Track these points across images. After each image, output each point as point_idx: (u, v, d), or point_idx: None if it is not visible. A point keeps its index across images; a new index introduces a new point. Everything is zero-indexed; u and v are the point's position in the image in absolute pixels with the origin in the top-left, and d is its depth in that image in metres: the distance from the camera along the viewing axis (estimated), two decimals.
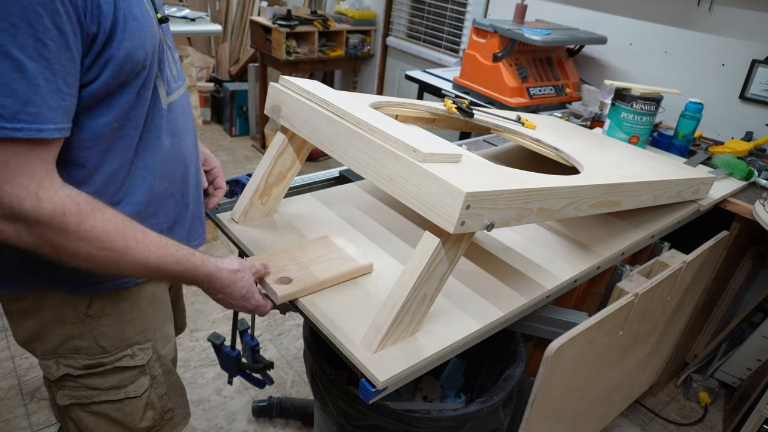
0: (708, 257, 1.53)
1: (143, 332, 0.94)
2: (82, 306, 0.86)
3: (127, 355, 0.92)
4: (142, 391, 0.96)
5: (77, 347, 0.89)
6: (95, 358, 0.90)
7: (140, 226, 0.75)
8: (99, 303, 0.87)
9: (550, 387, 1.09)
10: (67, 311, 0.86)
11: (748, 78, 2.01)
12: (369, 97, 1.19)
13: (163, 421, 1.02)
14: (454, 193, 0.72)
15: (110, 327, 0.90)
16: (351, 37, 3.66)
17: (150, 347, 0.96)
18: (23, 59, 0.61)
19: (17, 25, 0.60)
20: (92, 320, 0.88)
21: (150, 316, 0.95)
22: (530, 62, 2.30)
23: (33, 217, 0.65)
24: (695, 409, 2.03)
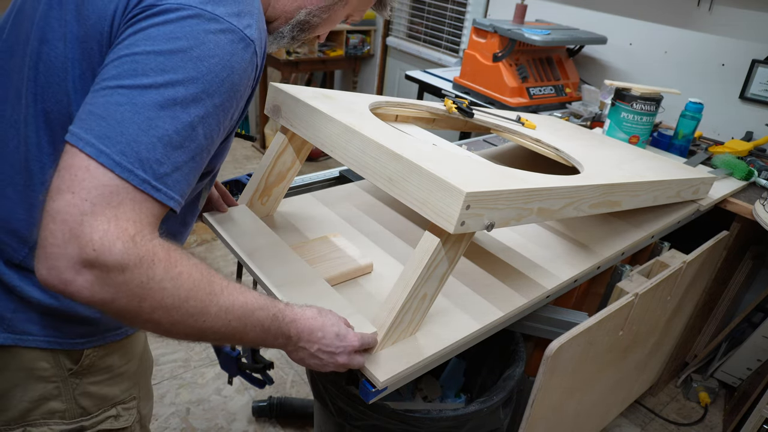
0: (708, 257, 1.53)
1: (129, 388, 0.84)
2: (68, 361, 0.75)
3: (111, 416, 0.82)
4: None
5: (53, 410, 0.76)
6: (74, 423, 0.78)
7: (220, 275, 0.66)
8: (90, 358, 0.77)
9: (550, 387, 1.09)
10: (47, 366, 0.74)
11: (748, 78, 2.01)
12: (369, 97, 1.19)
13: None
14: (454, 193, 0.72)
15: (95, 385, 0.78)
16: (351, 37, 3.66)
17: (135, 406, 0.86)
18: (201, 136, 0.61)
19: (221, 104, 0.62)
20: (76, 378, 0.76)
21: (137, 370, 0.86)
22: (530, 62, 2.30)
23: (119, 262, 0.54)
24: (695, 409, 2.03)
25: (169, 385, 1.91)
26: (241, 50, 0.63)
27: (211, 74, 0.60)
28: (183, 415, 1.80)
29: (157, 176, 0.58)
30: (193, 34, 0.59)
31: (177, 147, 0.59)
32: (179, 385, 1.92)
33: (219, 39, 0.61)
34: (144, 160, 0.57)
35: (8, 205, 0.69)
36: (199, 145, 0.61)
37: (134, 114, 0.56)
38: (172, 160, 0.59)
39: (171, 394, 1.88)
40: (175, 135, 0.58)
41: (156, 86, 0.57)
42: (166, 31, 0.59)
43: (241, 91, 0.65)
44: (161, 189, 0.59)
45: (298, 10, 0.81)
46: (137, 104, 0.57)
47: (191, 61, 0.59)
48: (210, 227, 1.05)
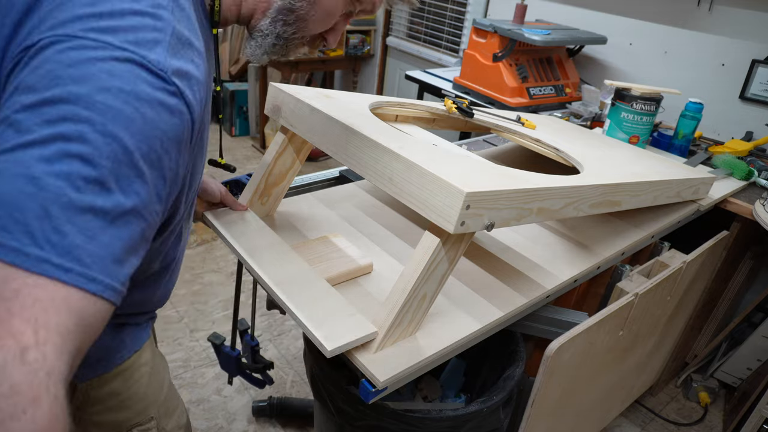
0: (708, 257, 1.53)
1: (144, 410, 0.78)
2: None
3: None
4: None
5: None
6: None
7: None
8: (82, 392, 0.70)
9: (550, 387, 1.09)
10: None
11: (748, 78, 2.01)
12: (369, 97, 1.19)
13: None
14: (454, 193, 0.72)
15: (100, 414, 0.73)
16: (351, 37, 3.66)
17: (154, 426, 0.80)
18: (137, 225, 0.46)
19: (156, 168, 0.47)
20: (78, 412, 0.71)
21: (149, 389, 0.79)
22: (530, 62, 2.30)
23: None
24: (695, 409, 2.03)
25: None
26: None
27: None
28: None
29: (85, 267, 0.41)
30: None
31: (110, 237, 0.44)
32: (179, 385, 1.92)
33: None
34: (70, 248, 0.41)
35: None
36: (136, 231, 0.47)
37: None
38: (102, 251, 0.43)
39: None
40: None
41: None
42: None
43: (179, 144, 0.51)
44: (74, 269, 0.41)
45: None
46: None
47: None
48: (211, 227, 1.05)
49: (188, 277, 2.49)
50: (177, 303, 2.32)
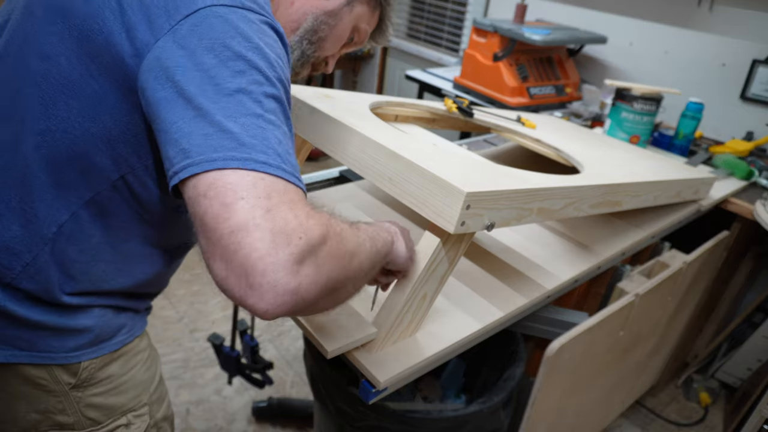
0: (709, 257, 1.53)
1: (137, 396, 0.82)
2: (67, 376, 0.74)
3: (121, 425, 0.81)
4: None
5: (61, 423, 0.76)
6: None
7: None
8: (88, 370, 0.75)
9: (551, 387, 1.09)
10: (47, 382, 0.73)
11: (748, 78, 2.01)
12: (369, 97, 1.19)
13: None
14: (455, 193, 0.72)
15: (99, 396, 0.77)
16: None
17: (146, 412, 0.85)
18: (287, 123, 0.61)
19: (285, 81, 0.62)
20: (78, 391, 0.75)
21: (143, 376, 0.84)
22: (530, 62, 2.29)
23: (321, 235, 0.54)
24: (696, 409, 2.02)
25: (169, 385, 1.91)
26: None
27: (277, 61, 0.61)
28: (183, 415, 1.80)
29: (294, 168, 0.58)
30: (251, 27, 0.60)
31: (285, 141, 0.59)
32: (179, 385, 1.92)
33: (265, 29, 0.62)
34: (281, 155, 0.56)
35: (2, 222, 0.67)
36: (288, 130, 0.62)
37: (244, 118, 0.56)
38: (292, 156, 0.60)
39: (171, 394, 1.87)
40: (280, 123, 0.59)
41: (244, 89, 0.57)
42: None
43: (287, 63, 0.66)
44: (299, 178, 0.60)
45: (304, 16, 0.77)
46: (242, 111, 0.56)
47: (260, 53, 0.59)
48: None
49: (188, 277, 2.49)
50: (177, 303, 2.31)
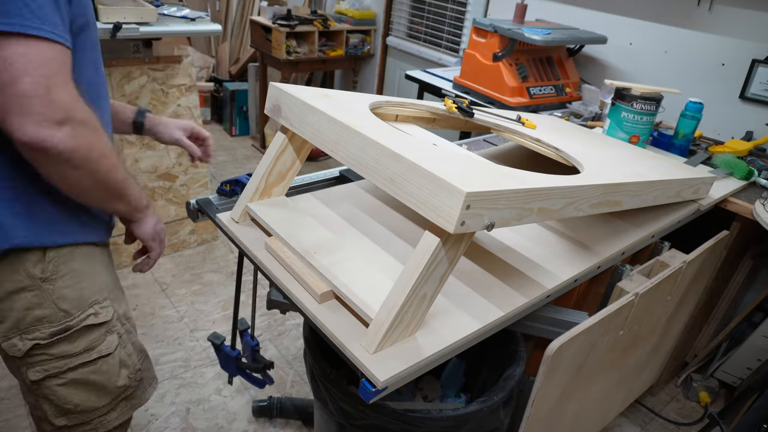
0: (708, 257, 1.53)
1: (99, 291, 0.96)
2: (36, 268, 0.87)
3: (90, 314, 0.94)
4: (113, 347, 0.98)
5: (39, 317, 0.89)
6: (60, 324, 0.91)
7: None
8: (53, 262, 0.89)
9: (550, 387, 1.09)
10: (22, 278, 0.86)
11: (748, 78, 2.01)
12: (369, 97, 1.19)
13: (135, 381, 1.05)
14: (455, 193, 0.72)
15: (68, 288, 0.91)
16: (351, 36, 3.66)
17: (110, 305, 0.98)
18: None
19: None
20: (49, 284, 0.89)
21: (104, 276, 0.98)
22: (530, 62, 2.30)
23: (82, 117, 0.75)
24: (695, 408, 2.03)
25: (169, 385, 1.91)
26: None
27: None
28: (183, 415, 1.81)
29: (53, 26, 0.72)
30: None
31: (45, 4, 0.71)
32: (179, 385, 1.92)
33: None
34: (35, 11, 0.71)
35: None
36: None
37: None
38: (56, 14, 0.73)
39: (171, 394, 1.88)
40: None
41: None
42: None
43: None
44: (62, 36, 0.74)
45: None
46: None
47: None
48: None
49: (188, 277, 2.49)
50: (177, 303, 2.32)
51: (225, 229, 1.12)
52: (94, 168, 0.79)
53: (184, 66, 2.41)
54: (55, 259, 0.89)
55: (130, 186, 0.90)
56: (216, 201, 1.22)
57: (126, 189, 0.89)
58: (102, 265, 0.98)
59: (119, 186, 0.87)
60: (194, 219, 1.22)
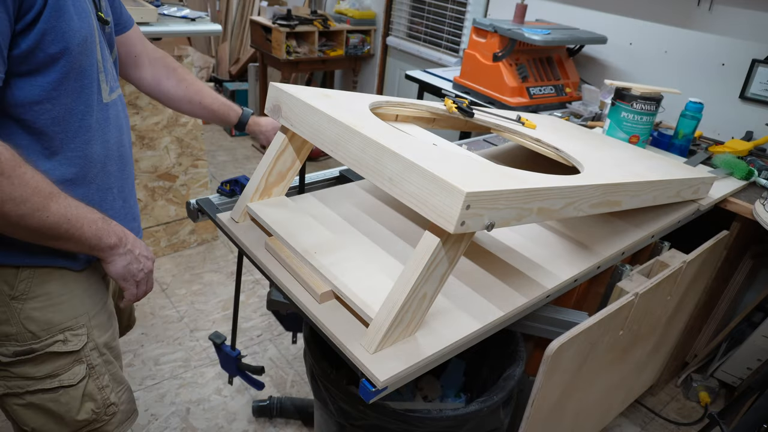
0: (708, 257, 1.53)
1: (75, 318, 0.93)
2: (6, 286, 0.85)
3: (59, 341, 0.91)
4: (77, 379, 0.94)
5: (6, 333, 0.87)
6: (25, 344, 0.88)
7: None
8: (25, 282, 0.86)
9: (550, 386, 1.09)
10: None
11: (748, 78, 2.01)
12: (369, 97, 1.19)
13: (105, 416, 1.00)
14: (454, 193, 0.72)
15: (37, 310, 0.88)
16: (351, 36, 3.66)
17: (84, 333, 0.94)
18: None
19: None
20: (18, 303, 0.87)
21: (83, 302, 0.94)
22: (530, 62, 2.30)
23: None
24: (695, 408, 2.03)
25: (169, 385, 1.91)
26: None
27: None
28: (183, 415, 1.81)
29: None
30: None
31: None
32: (179, 385, 1.92)
33: None
34: None
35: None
36: None
37: None
38: None
39: (171, 394, 1.88)
40: None
41: None
42: None
43: None
44: None
45: None
46: None
47: None
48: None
49: (188, 277, 2.49)
50: (177, 303, 2.32)
51: (225, 229, 1.12)
52: (4, 206, 0.72)
53: (185, 66, 2.41)
54: (27, 279, 0.87)
55: (75, 227, 0.81)
56: (216, 201, 1.22)
57: (65, 231, 0.80)
58: (82, 291, 0.94)
59: (50, 229, 0.78)
60: (194, 219, 1.22)
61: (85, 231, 0.83)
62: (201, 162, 2.58)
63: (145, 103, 2.30)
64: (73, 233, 0.81)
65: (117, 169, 0.96)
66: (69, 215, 0.79)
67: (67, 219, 0.79)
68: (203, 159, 2.59)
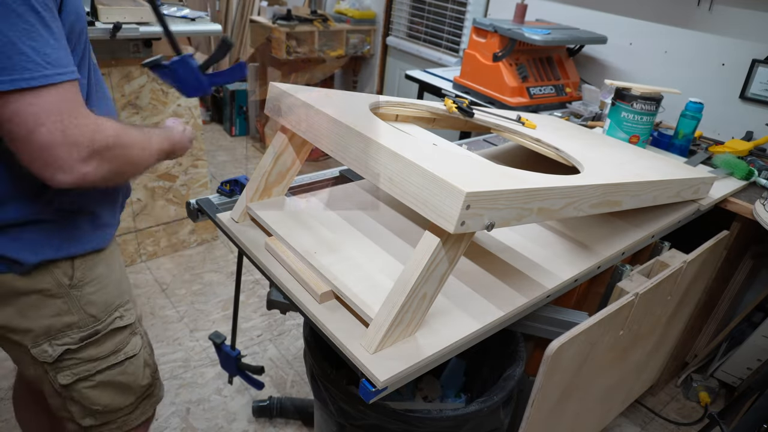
0: (708, 257, 1.53)
1: (121, 294, 1.00)
2: (64, 277, 0.89)
3: (117, 317, 0.98)
4: (138, 348, 1.03)
5: (68, 323, 0.92)
6: (89, 329, 0.94)
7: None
8: (80, 270, 0.91)
9: (550, 387, 1.09)
10: (51, 287, 0.89)
11: (748, 78, 2.01)
12: (369, 97, 1.19)
13: (155, 379, 1.10)
14: (455, 193, 0.72)
15: (94, 294, 0.94)
16: (351, 36, 3.66)
17: (132, 307, 1.02)
18: (42, 11, 0.70)
19: None
20: (77, 290, 0.92)
21: (122, 278, 1.01)
22: (530, 62, 2.30)
23: (104, 144, 0.75)
24: (695, 408, 2.03)
25: (169, 385, 1.91)
26: None
27: None
28: (183, 414, 1.81)
29: (55, 65, 0.70)
30: None
31: (37, 36, 0.69)
32: (179, 385, 1.92)
33: None
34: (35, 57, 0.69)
35: None
36: (46, 18, 0.70)
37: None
38: (47, 47, 0.70)
39: (171, 394, 1.88)
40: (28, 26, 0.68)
41: None
42: None
43: None
44: (67, 72, 0.72)
45: None
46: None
47: None
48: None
49: (188, 277, 2.49)
50: (177, 303, 2.32)
51: (225, 229, 1.12)
52: (131, 170, 0.84)
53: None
54: (81, 267, 0.92)
55: (156, 142, 0.91)
56: (216, 201, 1.22)
57: (159, 150, 0.91)
58: (118, 268, 1.00)
59: (155, 157, 0.90)
60: (194, 219, 1.22)
61: (158, 141, 0.93)
62: (201, 162, 2.58)
63: (145, 102, 2.30)
64: (159, 147, 0.92)
65: None
66: (161, 146, 0.92)
67: (158, 151, 0.91)
68: (203, 159, 2.59)
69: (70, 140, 0.71)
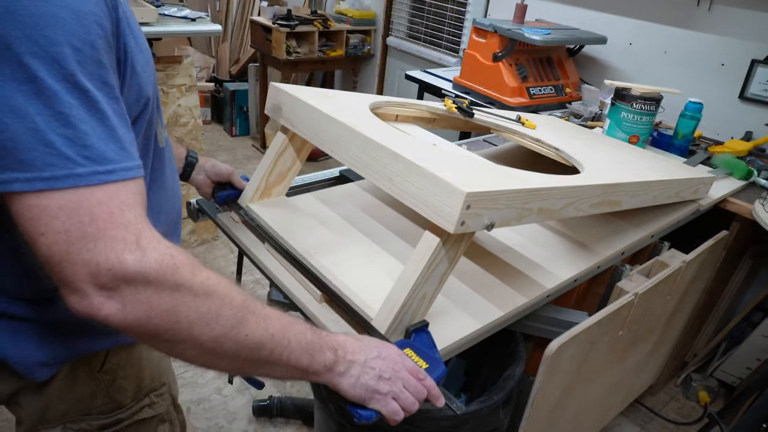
0: (708, 257, 1.53)
1: (159, 376, 0.84)
2: (96, 363, 0.76)
3: (145, 406, 0.83)
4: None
5: (89, 408, 0.77)
6: (111, 416, 0.79)
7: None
8: (114, 356, 0.77)
9: (550, 386, 1.09)
10: (78, 372, 0.75)
11: (747, 78, 2.01)
12: (369, 97, 1.19)
13: None
14: (455, 193, 0.72)
15: (126, 379, 0.79)
16: (351, 37, 3.66)
17: (167, 391, 0.86)
18: (92, 90, 0.51)
19: (81, 49, 0.50)
20: (106, 375, 0.77)
21: (162, 358, 0.86)
22: (530, 62, 2.30)
23: (138, 274, 0.50)
24: (695, 408, 2.03)
25: None
26: None
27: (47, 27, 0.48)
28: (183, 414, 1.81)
29: (96, 160, 0.50)
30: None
31: (80, 120, 0.50)
32: (180, 384, 1.91)
33: None
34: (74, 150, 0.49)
35: None
36: (99, 99, 0.52)
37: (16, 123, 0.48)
38: (92, 136, 0.50)
39: None
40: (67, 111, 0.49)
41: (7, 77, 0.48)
42: None
43: (90, 16, 0.52)
44: (114, 169, 0.51)
45: None
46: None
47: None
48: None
49: None
50: None
51: (225, 229, 1.12)
52: (186, 338, 0.54)
53: (185, 66, 2.41)
54: (117, 355, 0.78)
55: (281, 345, 0.61)
56: None
57: (270, 352, 0.61)
58: None
59: (251, 350, 0.59)
60: (194, 219, 1.22)
61: (294, 349, 0.62)
62: None
63: None
64: (280, 354, 0.61)
65: (175, 213, 0.84)
66: (271, 328, 0.60)
67: (270, 334, 0.60)
68: None
69: (84, 258, 0.49)
